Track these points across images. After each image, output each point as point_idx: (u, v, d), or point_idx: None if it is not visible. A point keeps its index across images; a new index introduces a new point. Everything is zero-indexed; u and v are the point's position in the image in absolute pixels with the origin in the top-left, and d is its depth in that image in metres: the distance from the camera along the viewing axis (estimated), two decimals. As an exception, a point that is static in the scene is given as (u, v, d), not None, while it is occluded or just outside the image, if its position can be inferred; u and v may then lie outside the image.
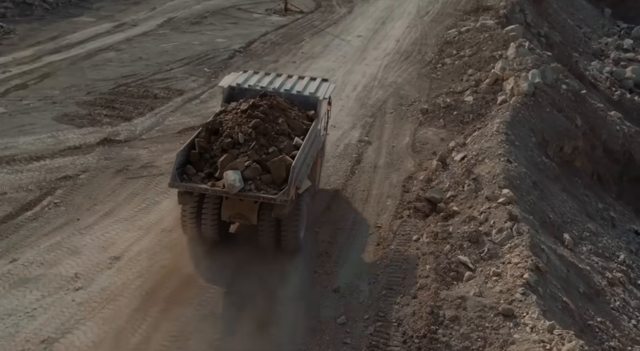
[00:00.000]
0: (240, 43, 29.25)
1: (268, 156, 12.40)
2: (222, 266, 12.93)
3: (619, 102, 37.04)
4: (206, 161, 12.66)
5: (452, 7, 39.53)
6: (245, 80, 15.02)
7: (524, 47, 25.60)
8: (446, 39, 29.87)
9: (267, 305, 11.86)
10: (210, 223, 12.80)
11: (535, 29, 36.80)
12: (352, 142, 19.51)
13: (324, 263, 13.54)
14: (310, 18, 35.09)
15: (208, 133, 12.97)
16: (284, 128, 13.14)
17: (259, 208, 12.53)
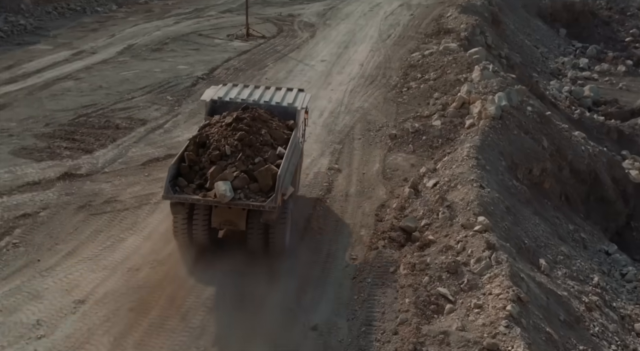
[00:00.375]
0: (203, 69, 28.74)
1: (254, 166, 13.25)
2: (195, 306, 12.35)
3: (579, 121, 37.52)
4: (196, 173, 13.38)
5: (414, 30, 39.72)
6: (226, 93, 15.82)
7: (488, 70, 25.65)
8: (410, 62, 29.82)
9: (243, 347, 11.30)
10: (201, 231, 13.53)
11: (496, 50, 37.14)
12: (322, 170, 19.12)
13: (300, 299, 13.03)
14: (272, 43, 34.78)
15: (196, 147, 13.77)
16: (267, 139, 13.97)
17: (247, 214, 13.27)
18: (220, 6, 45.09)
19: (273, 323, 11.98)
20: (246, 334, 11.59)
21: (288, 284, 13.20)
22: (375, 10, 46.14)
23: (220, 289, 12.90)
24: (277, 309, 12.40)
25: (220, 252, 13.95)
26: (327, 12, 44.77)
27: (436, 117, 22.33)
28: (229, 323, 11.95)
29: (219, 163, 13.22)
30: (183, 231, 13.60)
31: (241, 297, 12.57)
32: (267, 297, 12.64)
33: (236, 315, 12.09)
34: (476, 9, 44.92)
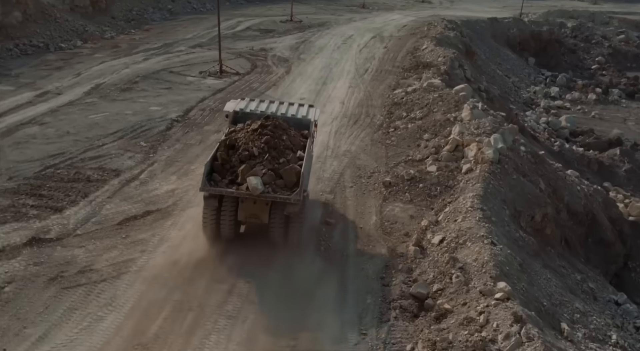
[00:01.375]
0: (177, 111, 27.02)
1: (279, 165, 15.08)
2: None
3: (560, 153, 36.74)
4: (227, 170, 15.06)
5: (390, 63, 38.67)
6: (246, 105, 17.75)
7: (477, 108, 24.50)
8: (394, 100, 28.57)
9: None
10: (228, 223, 15.06)
11: (475, 84, 36.20)
12: (315, 224, 17.50)
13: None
14: (247, 80, 33.27)
15: (227, 148, 15.49)
16: (287, 144, 15.84)
17: (270, 209, 14.96)
18: (189, 41, 43.53)
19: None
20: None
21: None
22: (349, 43, 45.10)
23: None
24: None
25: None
26: (299, 45, 43.55)
27: (430, 162, 20.96)
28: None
29: (248, 162, 14.97)
30: (212, 224, 15.07)
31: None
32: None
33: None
34: (450, 41, 44.23)
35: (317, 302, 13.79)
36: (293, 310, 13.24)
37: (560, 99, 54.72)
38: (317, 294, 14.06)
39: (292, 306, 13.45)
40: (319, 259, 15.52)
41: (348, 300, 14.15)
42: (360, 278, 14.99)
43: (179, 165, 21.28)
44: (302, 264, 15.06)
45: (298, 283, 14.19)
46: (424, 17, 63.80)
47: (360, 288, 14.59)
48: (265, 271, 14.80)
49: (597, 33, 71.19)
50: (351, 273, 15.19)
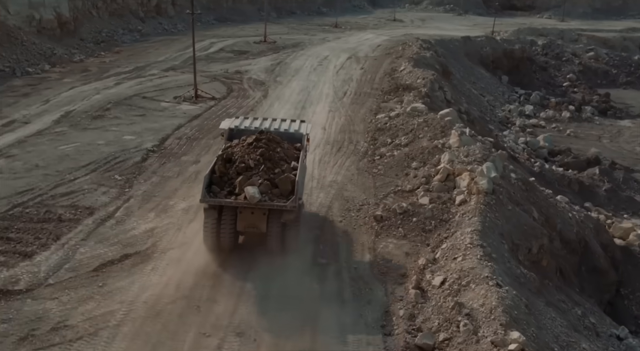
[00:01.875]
0: (152, 140, 25.72)
1: (274, 175, 15.67)
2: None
3: (540, 174, 36.09)
4: (225, 183, 15.69)
5: (368, 85, 37.85)
6: (241, 123, 18.50)
7: (465, 135, 23.67)
8: (377, 125, 27.62)
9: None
10: (228, 234, 15.49)
11: (455, 105, 35.52)
12: (306, 265, 16.32)
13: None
14: (224, 105, 32.10)
15: (224, 162, 16.09)
16: (281, 156, 16.51)
17: (267, 218, 15.37)
18: (161, 63, 42.29)
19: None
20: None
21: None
22: (325, 65, 44.25)
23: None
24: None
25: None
26: (275, 67, 42.57)
27: (422, 193, 19.97)
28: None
29: (245, 174, 15.59)
30: (213, 234, 15.52)
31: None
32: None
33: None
34: (427, 61, 43.66)
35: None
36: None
37: (535, 117, 54.51)
38: (315, 348, 12.89)
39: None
40: (313, 306, 14.32)
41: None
42: (360, 327, 13.83)
43: (156, 200, 19.96)
44: (297, 312, 13.88)
45: (293, 338, 12.99)
46: (397, 36, 63.46)
47: (360, 339, 13.43)
48: (257, 323, 13.60)
49: (567, 50, 71.48)
50: (349, 321, 14.02)
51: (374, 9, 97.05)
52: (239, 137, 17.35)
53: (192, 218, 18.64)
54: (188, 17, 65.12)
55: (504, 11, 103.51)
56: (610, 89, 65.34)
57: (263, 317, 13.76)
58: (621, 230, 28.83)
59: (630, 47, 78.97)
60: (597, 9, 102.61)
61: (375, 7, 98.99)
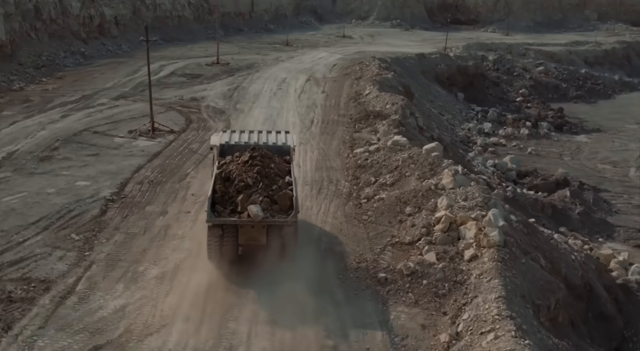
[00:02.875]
0: (110, 186, 22.68)
1: (273, 192, 16.34)
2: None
3: (514, 199, 34.47)
4: (226, 201, 16.21)
5: (334, 111, 35.56)
6: (230, 138, 18.89)
7: (459, 174, 21.58)
8: (356, 161, 25.26)
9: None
10: (230, 248, 16.21)
11: (428, 132, 33.63)
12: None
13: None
14: (185, 139, 29.18)
15: (223, 181, 16.59)
16: (276, 171, 17.13)
17: (266, 231, 16.08)
18: (110, 91, 38.94)
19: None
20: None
21: None
22: (284, 88, 41.76)
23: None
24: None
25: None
26: (232, 93, 39.83)
27: (425, 247, 17.68)
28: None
29: (244, 192, 16.15)
30: (216, 250, 16.20)
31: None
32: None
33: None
34: (390, 83, 41.79)
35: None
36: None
37: (494, 135, 53.44)
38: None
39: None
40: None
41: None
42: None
43: (123, 266, 17.04)
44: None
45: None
46: (350, 54, 61.57)
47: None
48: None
49: (517, 65, 71.09)
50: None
51: (321, 24, 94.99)
52: (231, 152, 17.96)
53: (167, 289, 15.85)
54: (133, 37, 62.06)
55: (449, 25, 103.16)
56: (562, 103, 65.17)
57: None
58: (601, 257, 27.36)
59: (576, 60, 79.42)
60: (538, 23, 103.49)
61: (322, 22, 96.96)
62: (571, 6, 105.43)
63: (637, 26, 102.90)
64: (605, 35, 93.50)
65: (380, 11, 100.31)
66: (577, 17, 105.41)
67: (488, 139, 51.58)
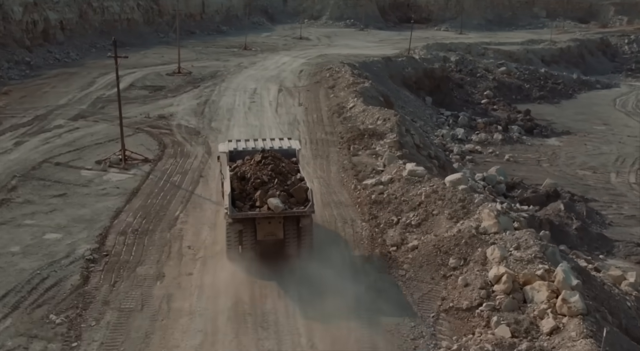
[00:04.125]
0: (87, 239, 18.62)
1: (288, 186, 17.19)
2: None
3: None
4: (244, 198, 16.91)
5: (320, 129, 32.11)
6: (237, 145, 19.74)
7: (502, 214, 18.47)
8: (370, 196, 21.80)
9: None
10: (250, 243, 16.84)
11: (425, 150, 30.58)
12: None
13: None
14: (163, 170, 25.15)
15: (239, 180, 17.38)
16: (287, 170, 18.13)
17: (283, 226, 16.76)
18: (66, 109, 34.36)
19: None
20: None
21: None
22: (258, 101, 38.00)
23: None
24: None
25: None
26: (203, 108, 35.85)
27: (492, 316, 14.47)
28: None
29: (261, 188, 16.93)
30: (236, 245, 16.81)
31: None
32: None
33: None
34: (370, 93, 38.65)
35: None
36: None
37: (468, 141, 51.02)
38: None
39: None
40: None
41: None
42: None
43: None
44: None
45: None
46: (313, 58, 58.23)
47: None
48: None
49: (479, 66, 68.99)
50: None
51: (273, 25, 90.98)
52: (239, 157, 18.74)
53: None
54: (80, 43, 56.96)
55: (401, 24, 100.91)
56: (526, 104, 63.46)
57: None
58: (611, 279, 24.92)
59: (534, 59, 78.12)
60: (490, 21, 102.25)
61: (274, 23, 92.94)
62: (520, 4, 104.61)
63: (584, 23, 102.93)
64: (556, 32, 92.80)
65: (332, 11, 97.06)
66: (527, 15, 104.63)
67: (464, 146, 49.05)
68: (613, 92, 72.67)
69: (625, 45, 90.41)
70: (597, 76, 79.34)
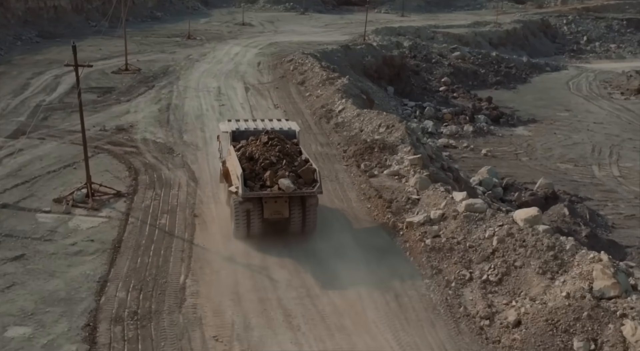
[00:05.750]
0: (69, 334, 13.00)
1: (295, 167, 17.37)
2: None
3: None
4: (253, 178, 17.00)
5: (312, 139, 27.15)
6: (239, 126, 19.78)
7: (618, 270, 14.17)
8: (423, 241, 17.03)
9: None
10: (257, 222, 16.96)
11: (438, 161, 26.13)
12: None
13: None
14: (143, 207, 19.44)
15: (247, 160, 17.48)
16: (292, 151, 18.32)
17: (288, 205, 16.92)
18: (1, 123, 27.71)
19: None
20: None
21: None
22: (228, 104, 32.58)
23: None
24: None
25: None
26: (167, 115, 30.09)
27: None
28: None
29: (270, 168, 17.04)
30: (244, 224, 16.93)
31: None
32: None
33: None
34: (353, 92, 33.79)
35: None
36: None
37: (438, 134, 47.18)
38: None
39: None
40: None
41: None
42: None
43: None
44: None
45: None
46: (265, 46, 52.99)
47: None
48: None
49: (433, 51, 65.15)
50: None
51: (208, 9, 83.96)
52: (242, 137, 18.82)
53: None
54: (3, 35, 49.06)
55: (340, 7, 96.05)
56: (483, 90, 60.48)
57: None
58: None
59: (482, 42, 75.25)
60: (428, 2, 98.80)
61: (209, 7, 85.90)
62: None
63: (521, 3, 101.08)
64: (494, 13, 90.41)
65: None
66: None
67: (437, 141, 45.05)
68: (563, 74, 70.64)
69: (564, 26, 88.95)
70: (542, 58, 77.37)
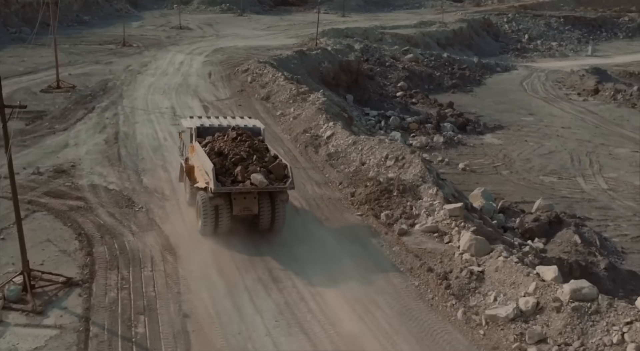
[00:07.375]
0: None
1: (266, 163, 16.90)
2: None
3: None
4: (224, 173, 16.40)
5: (306, 177, 21.62)
6: (202, 122, 19.36)
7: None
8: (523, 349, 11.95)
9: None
10: (226, 218, 16.37)
11: (461, 199, 21.15)
12: None
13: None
14: (107, 304, 13.26)
15: (216, 155, 16.95)
16: (261, 147, 17.88)
17: (258, 201, 16.50)
18: None
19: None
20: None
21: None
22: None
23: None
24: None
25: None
26: (116, 147, 23.93)
27: None
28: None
29: (241, 164, 16.56)
30: (212, 222, 16.30)
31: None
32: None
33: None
34: (333, 110, 28.57)
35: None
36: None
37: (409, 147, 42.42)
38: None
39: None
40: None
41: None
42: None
43: None
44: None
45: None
46: (210, 53, 47.04)
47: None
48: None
49: (386, 54, 60.53)
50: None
51: (138, 11, 76.34)
52: (207, 134, 18.33)
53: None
54: None
55: (277, 7, 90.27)
56: (440, 95, 56.28)
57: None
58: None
59: (431, 43, 71.25)
60: (367, 1, 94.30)
61: (139, 9, 78.19)
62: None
63: (459, 2, 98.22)
64: (434, 12, 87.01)
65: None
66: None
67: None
68: (514, 75, 67.60)
69: (505, 24, 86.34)
70: (488, 58, 74.30)
